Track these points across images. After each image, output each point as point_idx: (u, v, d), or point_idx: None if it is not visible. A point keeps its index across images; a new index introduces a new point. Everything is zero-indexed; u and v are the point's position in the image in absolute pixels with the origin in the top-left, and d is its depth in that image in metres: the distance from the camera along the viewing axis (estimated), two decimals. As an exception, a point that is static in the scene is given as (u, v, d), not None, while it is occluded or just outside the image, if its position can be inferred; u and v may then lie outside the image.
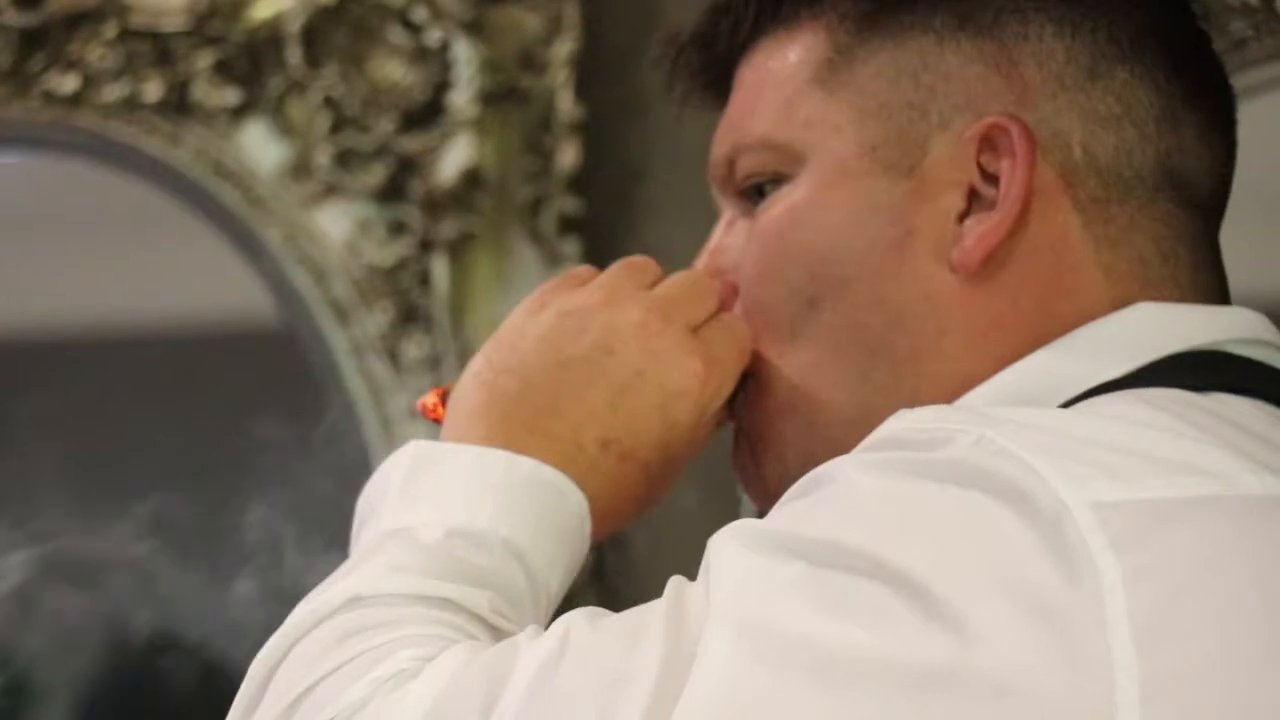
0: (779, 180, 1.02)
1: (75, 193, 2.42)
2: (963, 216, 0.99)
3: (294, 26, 2.26)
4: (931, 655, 0.73)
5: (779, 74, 1.00)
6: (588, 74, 2.26)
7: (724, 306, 0.99)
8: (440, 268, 2.26)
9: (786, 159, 1.00)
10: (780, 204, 1.00)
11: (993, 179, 0.95)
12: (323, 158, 2.28)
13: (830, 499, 0.80)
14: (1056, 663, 0.73)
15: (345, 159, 2.29)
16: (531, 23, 2.23)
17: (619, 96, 2.24)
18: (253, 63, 2.28)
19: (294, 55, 2.27)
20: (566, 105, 2.23)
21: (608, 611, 0.83)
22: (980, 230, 0.98)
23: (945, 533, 0.77)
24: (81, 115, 2.24)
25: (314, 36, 2.29)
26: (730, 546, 0.79)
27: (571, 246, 2.22)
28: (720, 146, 1.02)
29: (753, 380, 0.97)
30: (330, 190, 2.28)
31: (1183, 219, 0.97)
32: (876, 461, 0.80)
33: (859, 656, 0.73)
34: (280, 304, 2.30)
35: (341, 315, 2.25)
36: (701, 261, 1.01)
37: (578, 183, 2.24)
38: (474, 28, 2.25)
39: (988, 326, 0.94)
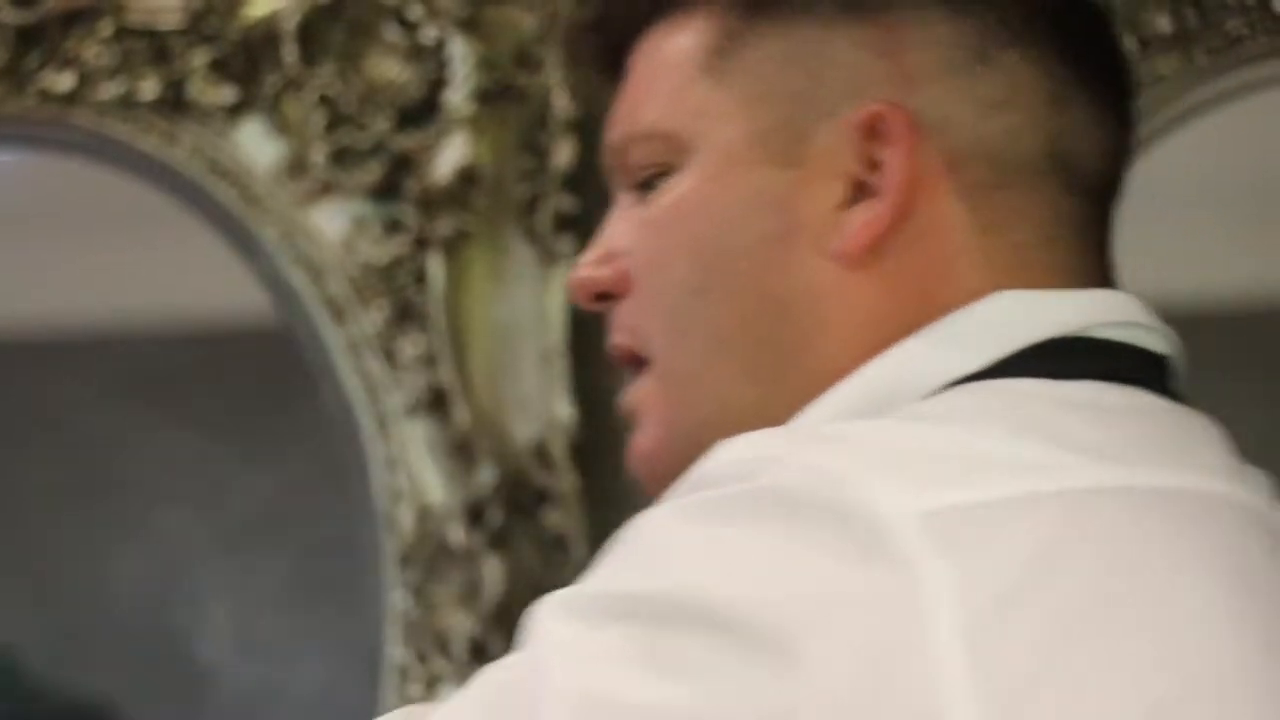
0: (669, 169, 1.01)
1: (71, 191, 2.42)
2: (848, 205, 0.98)
3: (290, 24, 2.26)
4: (765, 698, 0.73)
5: (669, 61, 0.99)
6: (583, 72, 2.26)
7: (619, 294, 0.98)
8: (436, 265, 2.26)
9: (675, 148, 1.00)
10: (669, 194, 0.99)
11: (878, 167, 0.94)
12: (318, 156, 2.28)
13: (645, 553, 0.79)
14: (889, 684, 0.72)
15: (341, 157, 2.29)
16: (527, 21, 2.23)
17: (615, 94, 2.24)
18: (249, 61, 2.28)
19: (290, 53, 2.27)
20: (562, 103, 2.23)
21: None
22: (863, 219, 0.97)
23: (764, 569, 0.76)
24: (78, 113, 2.24)
25: (310, 34, 2.29)
26: (549, 620, 0.78)
27: (567, 244, 2.22)
28: (612, 134, 1.01)
29: (648, 367, 0.96)
30: (326, 188, 2.28)
31: (1070, 203, 0.96)
32: (687, 507, 0.79)
33: (696, 714, 0.72)
34: (276, 302, 2.30)
35: (337, 313, 2.25)
36: (596, 249, 1.00)
37: (573, 181, 2.24)
38: (470, 25, 2.25)
39: (869, 318, 0.93)
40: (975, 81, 0.94)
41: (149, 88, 2.25)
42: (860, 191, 0.96)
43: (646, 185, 0.99)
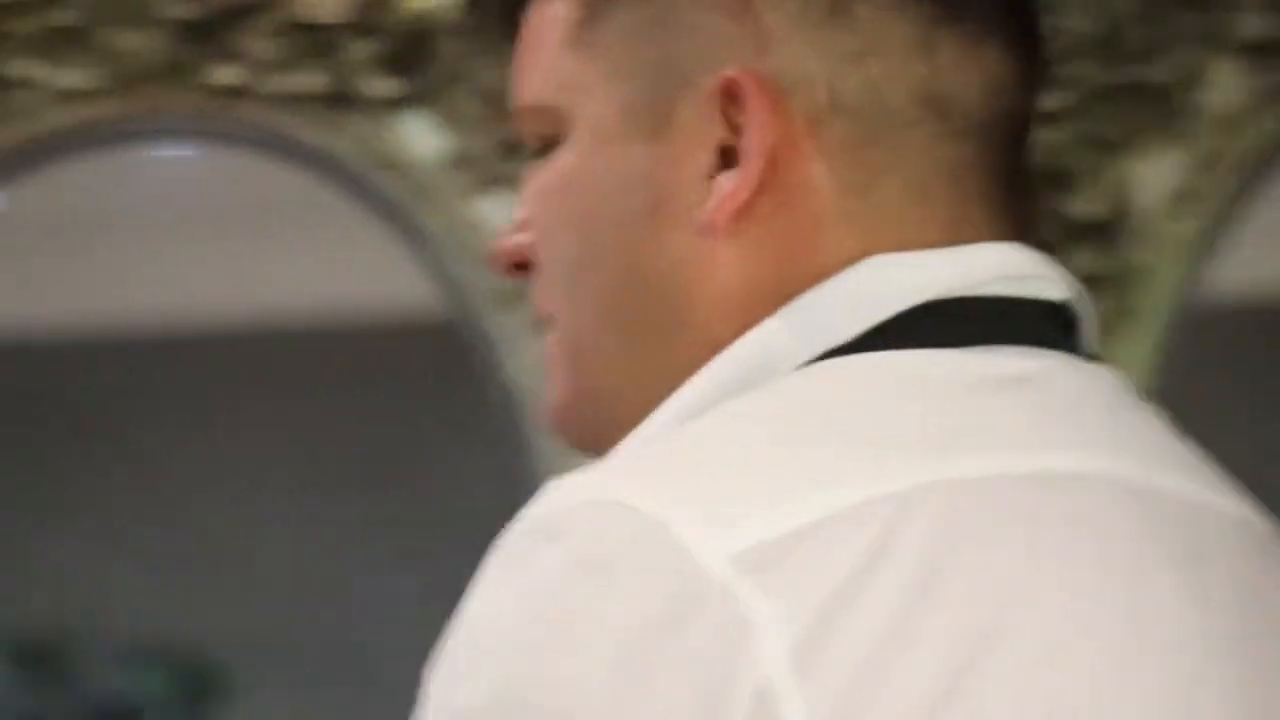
0: (556, 140, 0.99)
1: (237, 184, 2.43)
2: (716, 176, 0.94)
3: (451, 16, 2.25)
4: None
5: (543, 33, 0.97)
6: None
7: (531, 262, 0.96)
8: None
9: (554, 122, 0.97)
10: (553, 167, 0.97)
11: (741, 135, 0.91)
12: (484, 147, 2.27)
13: (467, 650, 0.77)
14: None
15: (507, 148, 2.27)
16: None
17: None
18: (412, 53, 2.27)
19: (453, 45, 2.26)
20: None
21: None
22: (725, 190, 0.93)
23: (582, 646, 0.74)
24: (244, 107, 2.25)
25: (472, 26, 2.28)
26: None
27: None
28: (512, 102, 0.99)
29: (550, 326, 0.95)
30: (492, 179, 2.26)
31: (947, 150, 0.91)
32: (500, 582, 0.77)
33: None
34: (440, 292, 2.29)
35: (502, 302, 2.23)
36: (514, 219, 0.98)
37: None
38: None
39: (740, 291, 0.89)
40: (833, 35, 0.90)
41: (314, 81, 2.25)
42: (729, 161, 0.93)
43: (542, 153, 0.97)
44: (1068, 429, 0.80)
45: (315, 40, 2.26)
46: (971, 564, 0.73)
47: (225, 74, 2.23)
